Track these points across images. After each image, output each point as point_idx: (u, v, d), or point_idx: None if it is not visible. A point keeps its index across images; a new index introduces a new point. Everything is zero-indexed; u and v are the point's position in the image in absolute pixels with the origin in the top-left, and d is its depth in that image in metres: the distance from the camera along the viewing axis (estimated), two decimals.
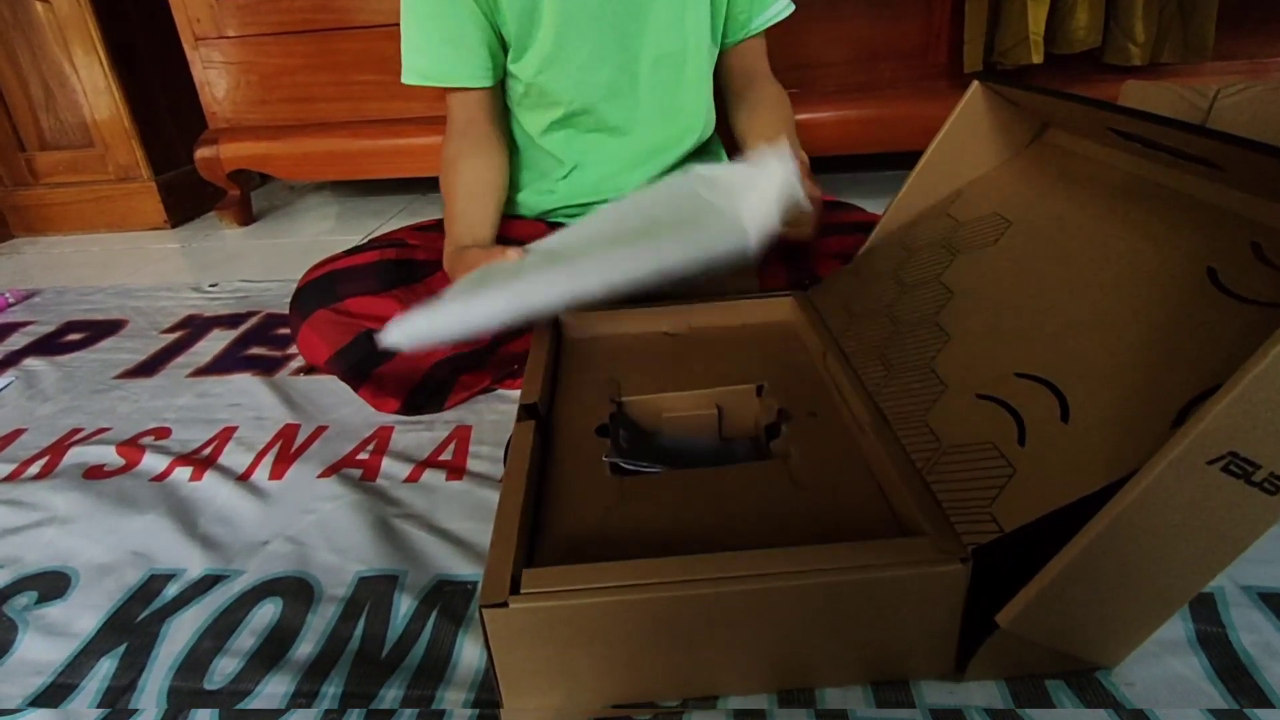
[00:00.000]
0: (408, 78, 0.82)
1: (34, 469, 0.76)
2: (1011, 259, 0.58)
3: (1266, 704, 0.44)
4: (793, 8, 0.91)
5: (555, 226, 0.91)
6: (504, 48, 0.82)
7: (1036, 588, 0.40)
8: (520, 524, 0.47)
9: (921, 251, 0.67)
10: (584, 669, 0.45)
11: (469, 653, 0.51)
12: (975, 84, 0.67)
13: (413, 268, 0.81)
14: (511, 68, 0.83)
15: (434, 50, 0.80)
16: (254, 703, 0.49)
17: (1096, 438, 0.42)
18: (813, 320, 0.70)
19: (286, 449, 0.77)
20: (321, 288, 0.79)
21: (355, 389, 0.81)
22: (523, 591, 0.43)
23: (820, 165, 0.83)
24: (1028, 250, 0.58)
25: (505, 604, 0.42)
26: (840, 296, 0.71)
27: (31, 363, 1.01)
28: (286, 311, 0.82)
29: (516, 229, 0.90)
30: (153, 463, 0.75)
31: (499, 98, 0.87)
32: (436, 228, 0.89)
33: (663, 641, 0.45)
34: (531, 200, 0.92)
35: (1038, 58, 1.26)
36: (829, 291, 0.73)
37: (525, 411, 0.60)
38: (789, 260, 0.80)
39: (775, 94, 0.91)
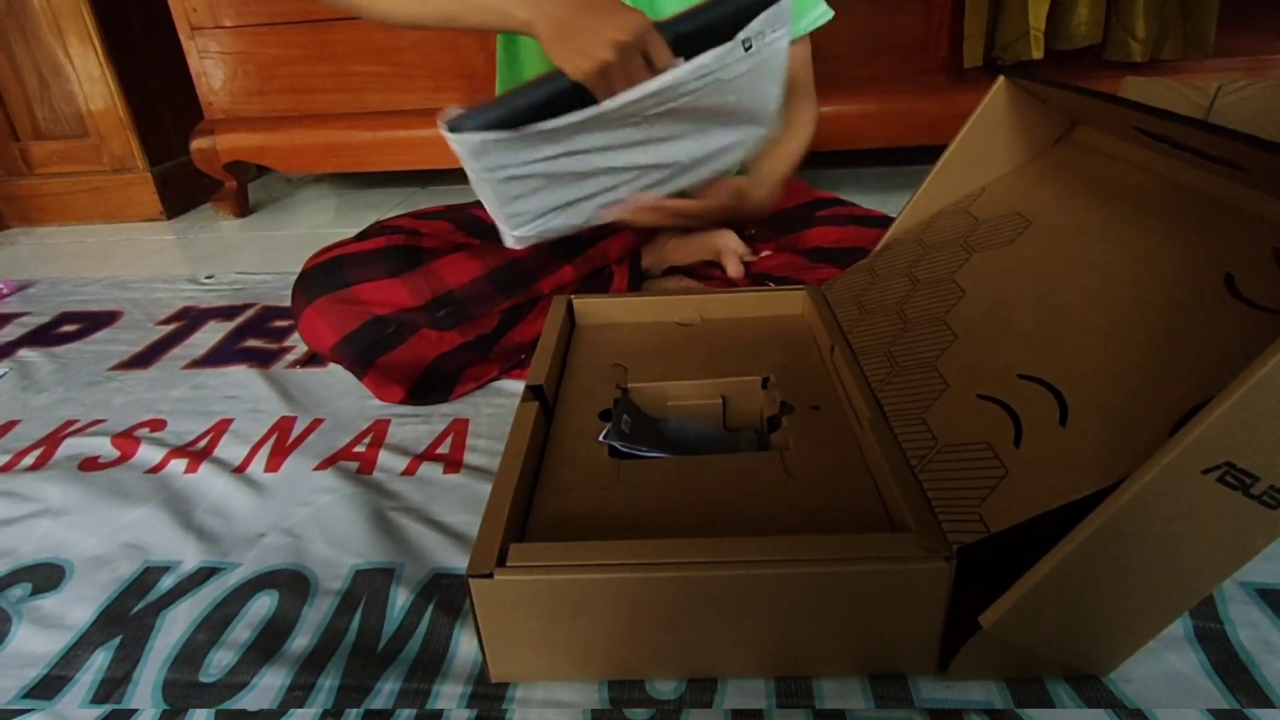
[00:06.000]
0: None
1: (28, 460, 0.76)
2: (1027, 259, 0.58)
3: (1265, 701, 0.44)
4: (830, 14, 0.88)
5: None
6: None
7: (1021, 590, 0.40)
8: (513, 500, 0.48)
9: (938, 249, 0.67)
10: (568, 643, 0.46)
11: (466, 646, 0.51)
12: (1000, 79, 0.64)
13: (421, 254, 0.80)
14: None
15: None
16: (249, 695, 0.49)
17: (1092, 442, 0.42)
18: (824, 315, 0.70)
19: (282, 441, 0.76)
20: (328, 272, 0.78)
21: (359, 377, 0.80)
22: (509, 564, 0.44)
23: (819, 159, 0.83)
24: (1044, 251, 0.57)
25: (490, 575, 0.43)
26: (854, 292, 0.71)
27: (26, 354, 1.01)
28: (283, 304, 0.81)
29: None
30: (148, 454, 0.75)
31: None
32: (443, 215, 0.89)
33: (646, 621, 0.45)
34: None
35: (1038, 53, 1.26)
36: (843, 286, 0.73)
37: (530, 392, 0.60)
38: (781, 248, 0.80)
39: (795, 118, 0.87)
